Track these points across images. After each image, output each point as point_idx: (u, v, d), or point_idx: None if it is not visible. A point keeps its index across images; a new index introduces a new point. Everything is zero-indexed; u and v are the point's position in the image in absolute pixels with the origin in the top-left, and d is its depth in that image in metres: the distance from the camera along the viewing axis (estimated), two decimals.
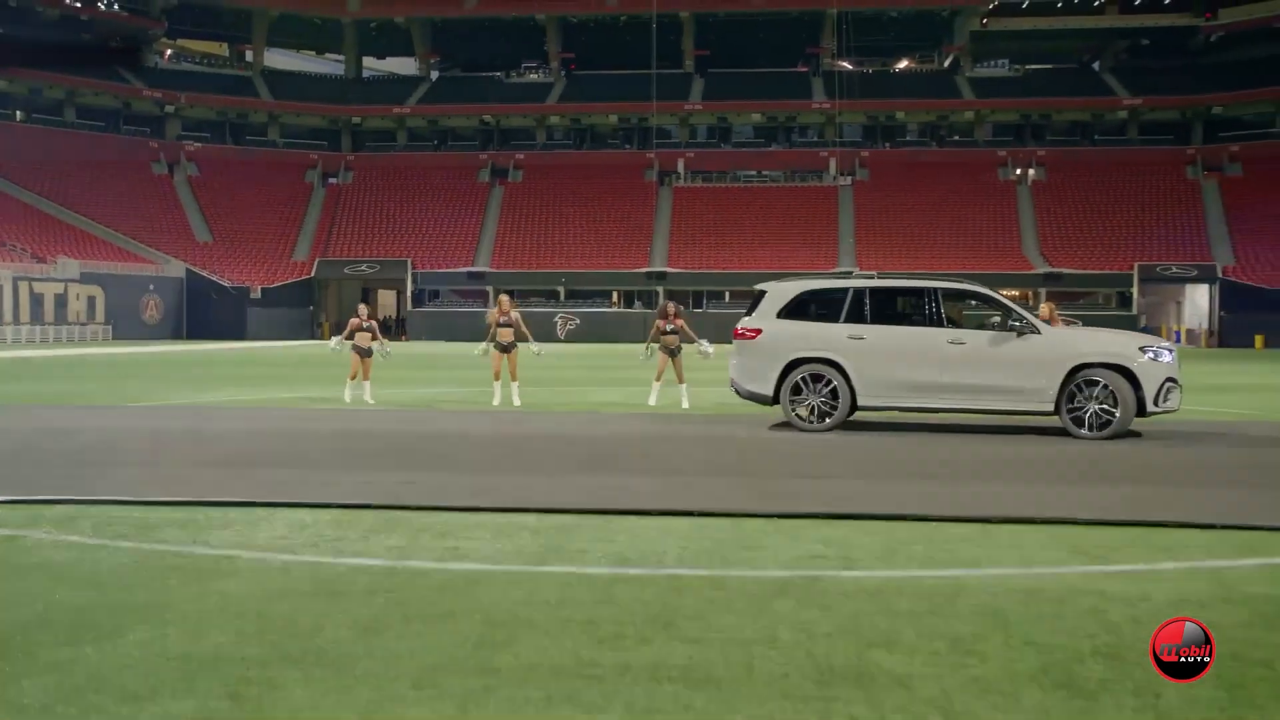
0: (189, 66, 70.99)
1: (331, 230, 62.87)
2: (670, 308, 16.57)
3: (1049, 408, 12.01)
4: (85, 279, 52.09)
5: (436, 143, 70.53)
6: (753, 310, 13.36)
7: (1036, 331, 12.21)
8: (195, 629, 4.83)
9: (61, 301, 50.93)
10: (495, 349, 16.36)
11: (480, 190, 65.47)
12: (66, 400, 17.50)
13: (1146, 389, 11.75)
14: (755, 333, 13.04)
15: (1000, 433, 12.71)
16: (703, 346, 16.70)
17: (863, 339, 12.55)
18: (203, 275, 56.87)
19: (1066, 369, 11.88)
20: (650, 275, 57.71)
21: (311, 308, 59.36)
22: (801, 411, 12.68)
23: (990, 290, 13.09)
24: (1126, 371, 11.81)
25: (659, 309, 16.86)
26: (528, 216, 63.03)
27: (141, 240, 57.67)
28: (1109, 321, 45.21)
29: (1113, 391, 11.74)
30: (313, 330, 57.99)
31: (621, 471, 9.61)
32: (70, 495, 8.05)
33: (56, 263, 51.74)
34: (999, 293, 13.16)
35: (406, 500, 7.95)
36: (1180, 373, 12.28)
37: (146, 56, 68.13)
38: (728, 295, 58.03)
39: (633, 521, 7.29)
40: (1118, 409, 11.72)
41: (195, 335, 55.05)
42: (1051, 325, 13.04)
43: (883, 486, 8.85)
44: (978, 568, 6.06)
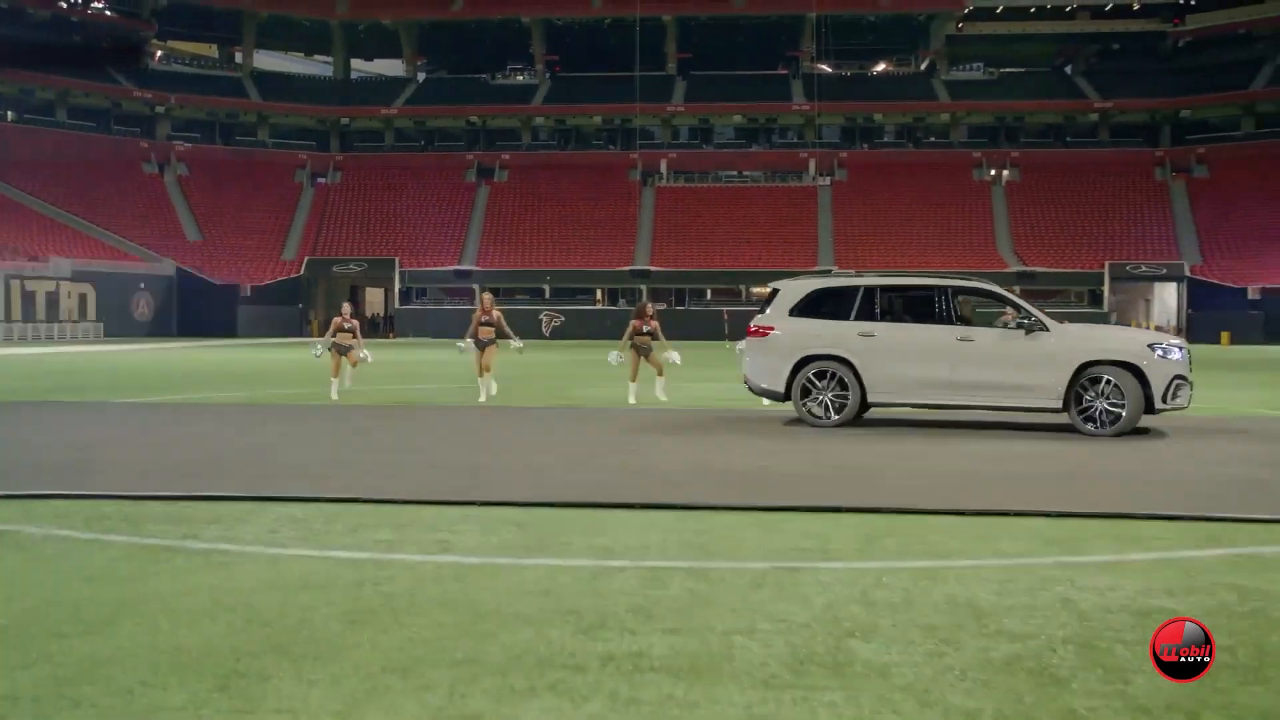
0: (179, 68, 70.52)
1: (320, 229, 62.62)
2: (649, 308, 16.58)
3: (1058, 405, 11.86)
4: (77, 277, 51.73)
5: (423, 143, 70.32)
6: (766, 308, 13.33)
7: (1045, 329, 12.05)
8: (185, 621, 4.81)
9: (53, 299, 50.55)
10: (475, 346, 16.40)
11: (466, 190, 65.32)
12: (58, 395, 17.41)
13: (1155, 386, 11.58)
14: (767, 330, 13.01)
15: (992, 429, 12.75)
16: (671, 355, 16.67)
17: (873, 336, 12.47)
18: (193, 273, 56.58)
19: (1075, 366, 11.73)
20: (634, 273, 57.69)
21: (300, 305, 59.09)
22: (813, 408, 12.60)
23: (1000, 288, 12.94)
24: (1135, 369, 11.64)
25: (637, 309, 16.85)
26: (513, 216, 62.92)
27: (132, 239, 57.31)
28: (1080, 319, 45.44)
29: (1120, 389, 11.57)
30: (302, 328, 57.73)
31: (605, 466, 9.62)
32: (62, 490, 8.01)
33: (48, 261, 51.36)
34: (1011, 291, 13.12)
35: (394, 494, 7.93)
36: (1190, 370, 12.11)
37: (144, 57, 67.70)
38: (709, 293, 58.14)
39: (616, 515, 7.30)
40: (1125, 406, 11.57)
41: (186, 333, 54.75)
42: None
43: (859, 479, 8.88)
44: (952, 559, 6.08)
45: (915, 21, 69.66)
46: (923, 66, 71.29)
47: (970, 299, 13.27)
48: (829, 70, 67.87)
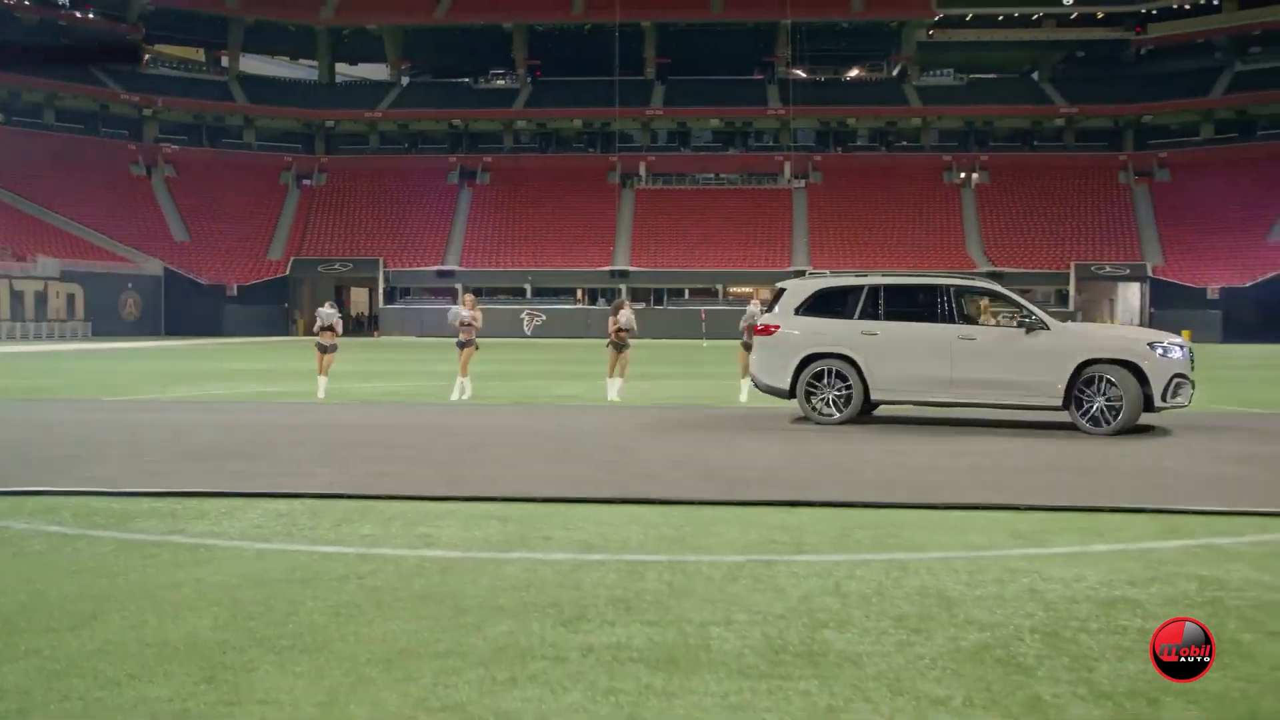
0: (166, 71, 69.97)
1: (305, 230, 62.31)
2: (625, 305, 16.60)
3: (1058, 403, 11.70)
4: (65, 277, 51.27)
5: (407, 146, 70.06)
6: (772, 307, 13.26)
7: (1046, 327, 11.88)
8: (172, 615, 4.77)
9: (41, 299, 50.09)
10: (456, 345, 16.40)
11: (449, 192, 65.13)
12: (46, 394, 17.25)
13: (1154, 385, 11.40)
14: (773, 329, 12.96)
15: (985, 427, 12.80)
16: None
17: (875, 335, 12.38)
18: (180, 273, 56.19)
19: (1074, 364, 11.56)
20: (613, 274, 57.69)
21: (286, 305, 58.80)
22: (817, 405, 12.53)
23: (1001, 287, 12.81)
24: (1134, 367, 11.45)
25: (614, 306, 16.86)
26: (495, 217, 62.78)
27: (120, 239, 56.85)
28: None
29: (1119, 387, 11.37)
30: (287, 327, 57.45)
31: (585, 462, 9.61)
32: (51, 487, 7.94)
33: (36, 261, 50.89)
34: (1012, 290, 12.80)
35: (378, 490, 7.90)
36: (1192, 369, 11.94)
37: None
38: (687, 293, 58.19)
39: (596, 509, 7.30)
40: (1123, 405, 11.37)
41: (173, 332, 54.37)
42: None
43: (833, 474, 8.90)
44: (923, 551, 6.11)
45: (887, 28, 69.92)
46: (895, 72, 71.54)
47: (978, 298, 13.09)
48: (804, 75, 68.04)
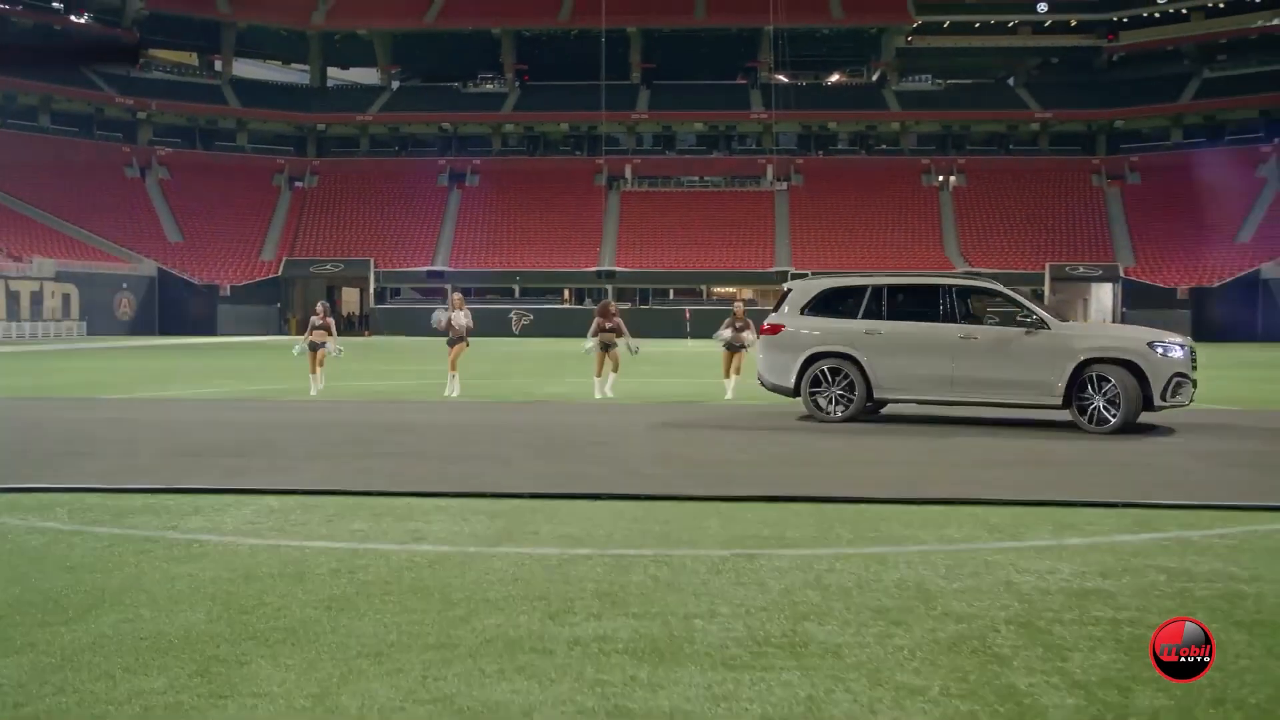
0: (160, 75, 69.49)
1: (298, 231, 62.07)
2: (611, 306, 16.61)
3: (1058, 402, 11.51)
4: (60, 277, 50.94)
5: (397, 149, 69.87)
6: (779, 307, 13.20)
7: (1046, 327, 11.70)
8: (166, 609, 4.75)
9: (37, 299, 49.74)
10: (446, 343, 16.39)
11: (439, 194, 64.97)
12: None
13: (1153, 384, 11.19)
14: (778, 328, 12.89)
15: (977, 425, 12.84)
16: (631, 344, 16.55)
17: (878, 334, 12.28)
18: (174, 273, 55.91)
19: (1074, 364, 11.37)
20: (599, 274, 57.65)
21: (279, 305, 58.56)
22: (821, 403, 12.44)
23: (1003, 287, 12.60)
24: (1134, 367, 11.25)
25: (600, 306, 16.84)
26: (484, 219, 62.65)
27: (115, 240, 56.51)
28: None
29: (1117, 386, 11.18)
30: (280, 326, 57.23)
31: (572, 459, 9.60)
32: (46, 483, 7.90)
33: (32, 262, 50.54)
34: (1015, 290, 12.57)
35: (369, 486, 7.88)
36: (1194, 368, 11.69)
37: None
38: (672, 293, 58.20)
39: (583, 505, 7.29)
40: (1121, 404, 11.17)
41: (167, 331, 54.09)
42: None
43: (815, 471, 8.92)
44: (902, 545, 6.12)
45: (867, 35, 70.10)
46: (874, 77, 71.69)
47: (983, 299, 12.85)
48: (786, 80, 68.05)
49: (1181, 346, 11.67)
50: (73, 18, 63.88)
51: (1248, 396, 17.01)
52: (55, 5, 63.61)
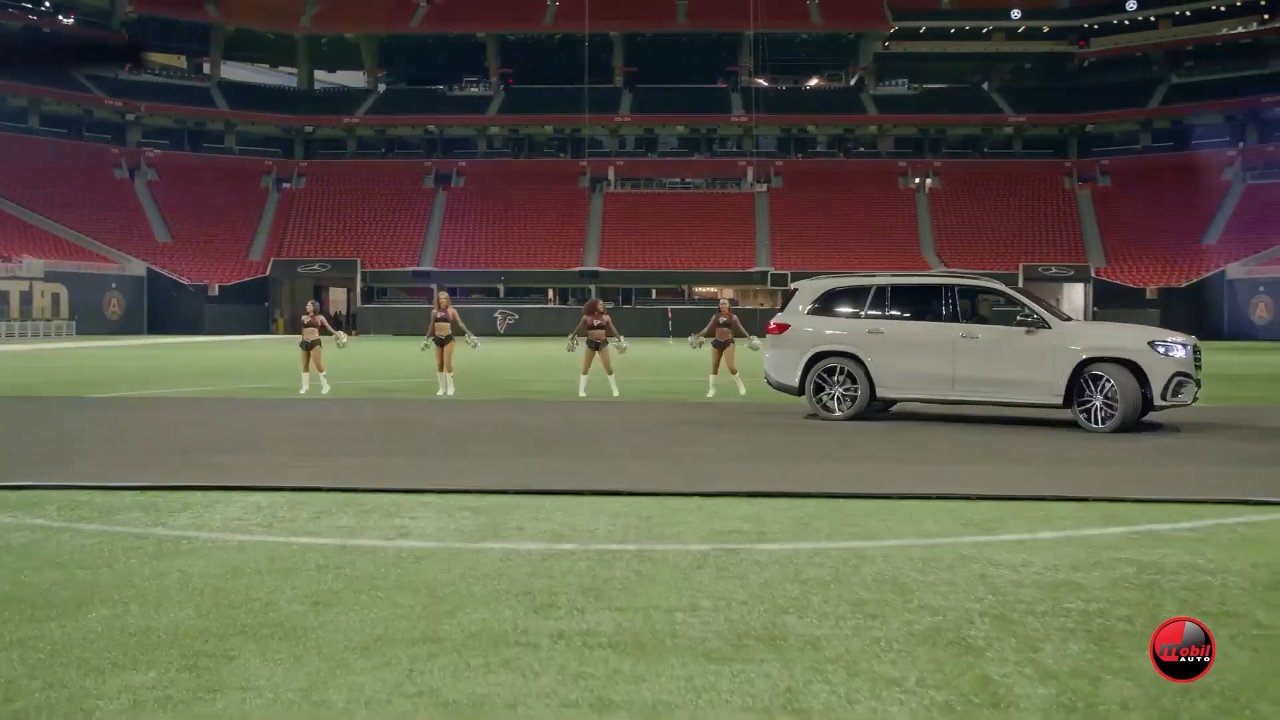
0: (148, 77, 68.94)
1: (285, 232, 61.76)
2: (599, 305, 16.55)
3: (1058, 401, 11.34)
4: (49, 277, 50.53)
5: (384, 150, 69.63)
6: (785, 307, 13.13)
7: (1047, 326, 11.51)
8: (155, 605, 4.72)
9: (27, 299, 49.33)
10: (434, 343, 16.27)
11: (425, 195, 64.79)
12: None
13: (1154, 383, 10.99)
14: (784, 327, 12.82)
15: (968, 423, 12.87)
16: (621, 343, 16.57)
17: (881, 333, 12.19)
18: (163, 274, 55.55)
19: (1074, 363, 11.19)
20: (583, 274, 57.63)
21: (267, 304, 58.27)
22: (825, 402, 12.35)
23: (1006, 286, 12.43)
24: (1134, 366, 11.06)
25: (587, 305, 16.80)
26: (469, 219, 62.50)
27: (104, 241, 56.09)
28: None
29: (1117, 385, 10.99)
30: (268, 326, 56.94)
31: (557, 455, 9.59)
32: (35, 481, 7.83)
33: (21, 262, 50.10)
34: (1017, 288, 12.43)
35: (356, 483, 7.85)
36: (1198, 367, 11.46)
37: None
38: (654, 293, 58.21)
39: (566, 501, 7.28)
40: (1119, 403, 10.98)
41: (156, 330, 53.74)
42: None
43: (795, 467, 8.94)
44: (879, 539, 6.14)
45: (845, 40, 70.31)
46: (852, 82, 71.85)
47: (991, 299, 12.45)
48: (766, 84, 68.18)
49: (1184, 346, 11.40)
50: (61, 19, 63.31)
51: (1222, 395, 17.11)
52: (44, 7, 63.03)
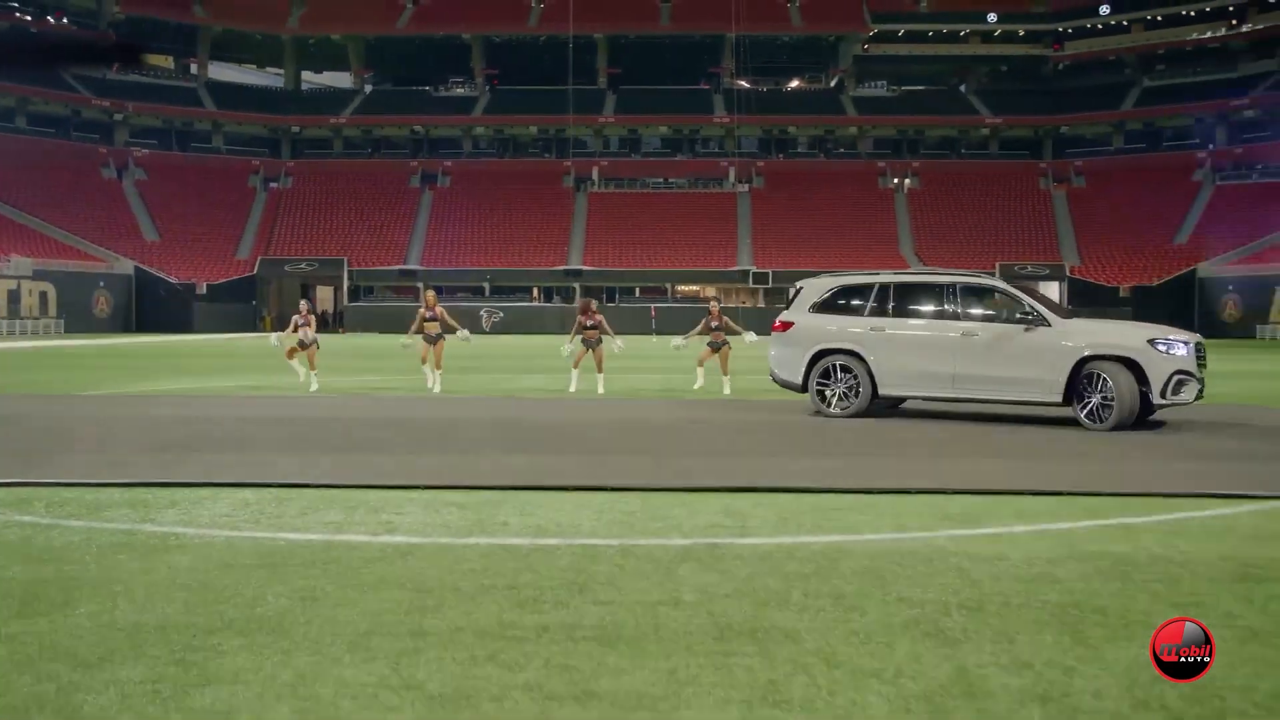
0: (136, 78, 68.51)
1: (273, 231, 61.48)
2: (591, 305, 16.53)
3: (1058, 399, 11.16)
4: (38, 276, 50.17)
5: (370, 150, 69.41)
6: (790, 305, 13.08)
7: (1046, 324, 11.32)
8: (143, 600, 4.69)
9: (15, 297, 48.96)
10: (423, 340, 16.22)
11: (411, 194, 64.61)
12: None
13: (1153, 381, 10.78)
14: (788, 325, 12.78)
15: (956, 420, 12.90)
16: (616, 343, 16.52)
17: (882, 331, 12.10)
18: (151, 272, 55.18)
19: (1073, 361, 11.01)
20: (567, 273, 57.62)
21: (254, 302, 58.00)
22: (828, 399, 12.28)
23: (1007, 284, 12.22)
24: (1132, 363, 10.86)
25: (580, 305, 16.75)
26: (455, 219, 62.37)
27: (92, 240, 55.72)
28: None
29: (1115, 384, 10.79)
30: (255, 324, 56.66)
31: (542, 451, 9.57)
32: (24, 478, 7.77)
33: (10, 261, 49.70)
34: (1018, 285, 12.29)
35: (342, 480, 7.81)
36: (1201, 365, 11.21)
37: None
38: (638, 291, 58.22)
39: (551, 496, 7.27)
40: (1116, 401, 10.79)
41: (144, 329, 53.39)
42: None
43: (777, 462, 8.95)
44: (859, 533, 6.15)
45: (825, 42, 70.48)
46: (832, 83, 72.07)
47: (1001, 297, 12.07)
48: (747, 86, 68.30)
49: (1185, 344, 11.14)
50: (50, 20, 62.80)
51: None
52: (32, 9, 62.50)
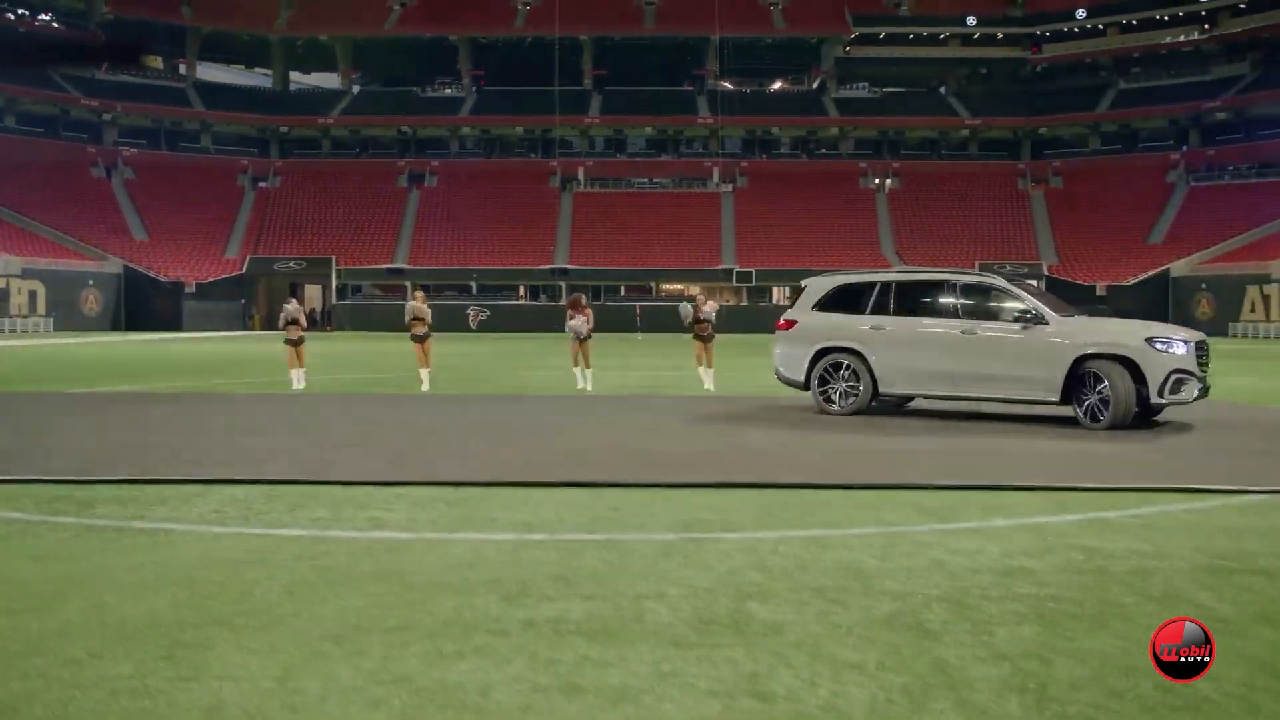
0: (125, 77, 67.98)
1: (261, 230, 61.16)
2: (580, 300, 16.58)
3: (1055, 397, 11.03)
4: (27, 274, 49.77)
5: (358, 150, 69.14)
6: (794, 303, 13.07)
7: (1045, 322, 11.19)
8: (132, 596, 4.66)
9: (4, 296, 48.57)
10: (411, 340, 16.21)
11: (398, 194, 64.39)
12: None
13: (1151, 380, 10.61)
14: (791, 324, 12.77)
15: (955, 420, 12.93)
16: (583, 331, 16.21)
17: (883, 329, 12.07)
18: (140, 271, 54.85)
19: (1071, 359, 10.88)
20: (553, 272, 57.52)
21: (243, 301, 57.71)
22: (831, 396, 12.25)
23: (1007, 283, 12.08)
24: (1129, 362, 10.70)
25: (570, 300, 16.78)
26: (442, 218, 62.19)
27: (81, 238, 55.28)
28: None
29: (1111, 382, 10.69)
30: (244, 323, 56.38)
31: (528, 448, 9.56)
32: (12, 475, 7.71)
33: None
34: (1018, 284, 12.17)
35: (330, 476, 7.78)
36: (1203, 364, 11.03)
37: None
38: (623, 289, 58.18)
39: (537, 492, 7.27)
40: (1112, 400, 10.67)
41: (133, 327, 53.05)
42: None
43: (761, 459, 8.96)
44: (840, 528, 6.17)
45: (807, 44, 70.58)
46: (815, 85, 72.16)
47: (1001, 295, 11.89)
48: (731, 87, 68.38)
49: (1185, 343, 10.93)
50: (38, 20, 62.30)
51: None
52: (21, 10, 62.01)
